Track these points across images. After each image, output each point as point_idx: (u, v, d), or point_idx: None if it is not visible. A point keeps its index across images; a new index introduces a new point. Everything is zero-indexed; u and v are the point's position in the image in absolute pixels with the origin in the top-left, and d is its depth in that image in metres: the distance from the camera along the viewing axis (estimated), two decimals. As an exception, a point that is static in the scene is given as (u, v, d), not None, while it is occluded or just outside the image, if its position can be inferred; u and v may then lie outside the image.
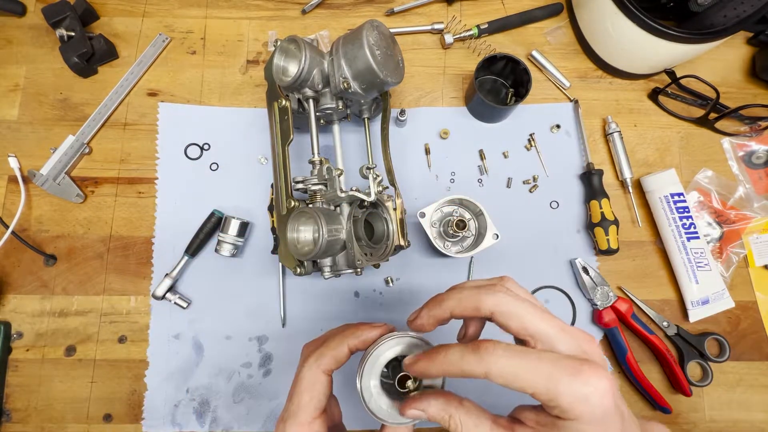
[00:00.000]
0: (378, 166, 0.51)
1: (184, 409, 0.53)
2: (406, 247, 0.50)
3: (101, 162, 0.58)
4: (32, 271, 0.55)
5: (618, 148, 0.58)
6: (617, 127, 0.59)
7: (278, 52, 0.47)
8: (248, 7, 0.63)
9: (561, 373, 0.22)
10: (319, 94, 0.48)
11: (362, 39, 0.43)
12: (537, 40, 0.63)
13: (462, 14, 0.63)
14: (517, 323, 0.25)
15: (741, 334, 0.56)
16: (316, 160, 0.47)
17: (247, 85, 0.60)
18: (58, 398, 0.53)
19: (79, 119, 0.58)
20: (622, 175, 0.58)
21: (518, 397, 0.26)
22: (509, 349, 0.23)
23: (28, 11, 0.61)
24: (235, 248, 0.54)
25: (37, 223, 0.56)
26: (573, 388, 0.21)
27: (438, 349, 0.26)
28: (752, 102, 0.56)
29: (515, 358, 0.23)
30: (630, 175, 0.58)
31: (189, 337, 0.54)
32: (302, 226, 0.44)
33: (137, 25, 0.62)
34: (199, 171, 0.58)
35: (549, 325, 0.24)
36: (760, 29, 0.60)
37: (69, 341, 0.54)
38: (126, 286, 0.55)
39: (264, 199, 0.57)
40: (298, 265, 0.45)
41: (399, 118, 0.58)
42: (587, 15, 0.60)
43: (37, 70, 0.60)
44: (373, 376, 0.30)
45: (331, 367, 0.30)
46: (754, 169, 0.60)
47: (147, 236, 0.56)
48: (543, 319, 0.25)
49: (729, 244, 0.57)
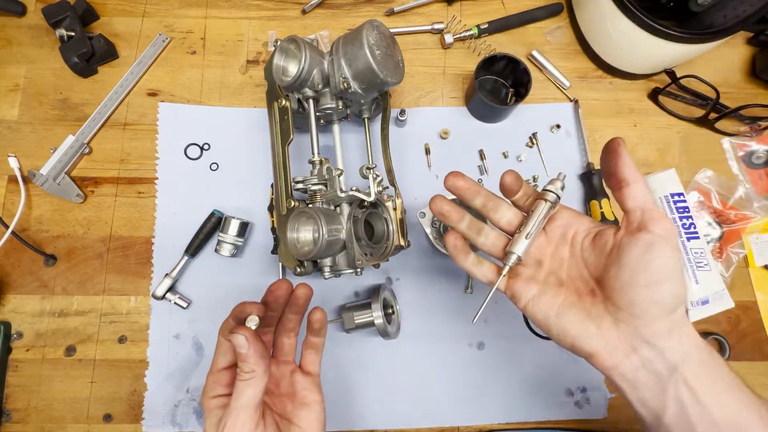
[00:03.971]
0: (378, 166, 0.51)
1: (184, 409, 0.53)
2: (406, 247, 0.50)
3: (101, 162, 0.58)
4: (32, 271, 0.55)
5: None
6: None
7: (278, 52, 0.47)
8: (248, 7, 0.63)
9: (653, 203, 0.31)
10: (319, 94, 0.48)
11: (362, 39, 0.43)
12: (537, 40, 0.63)
13: (462, 14, 0.63)
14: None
15: (741, 334, 0.56)
16: (316, 160, 0.47)
17: (247, 85, 0.60)
18: (58, 398, 0.53)
19: (79, 119, 0.58)
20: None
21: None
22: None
23: (28, 11, 0.61)
24: (235, 248, 0.54)
25: (37, 223, 0.56)
26: (659, 214, 0.30)
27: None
28: (752, 102, 0.56)
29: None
30: (630, 175, 0.58)
31: (189, 337, 0.54)
32: (302, 226, 0.44)
33: (137, 25, 0.62)
34: (199, 171, 0.58)
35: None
36: (760, 29, 0.60)
37: (69, 341, 0.54)
38: (126, 286, 0.55)
39: (264, 199, 0.57)
40: (298, 265, 0.45)
41: (399, 118, 0.58)
42: (587, 15, 0.60)
43: (37, 70, 0.60)
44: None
45: (223, 333, 0.38)
46: (754, 169, 0.60)
47: (147, 236, 0.56)
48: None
49: (729, 244, 0.58)
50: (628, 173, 0.30)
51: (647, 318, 0.30)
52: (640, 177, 0.31)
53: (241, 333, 0.32)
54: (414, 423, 0.54)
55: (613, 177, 0.31)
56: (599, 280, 0.32)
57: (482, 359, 0.55)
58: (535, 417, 0.54)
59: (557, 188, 0.34)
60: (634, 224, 0.30)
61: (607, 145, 0.31)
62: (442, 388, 0.54)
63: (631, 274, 0.29)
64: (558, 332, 0.33)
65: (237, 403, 0.33)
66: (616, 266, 0.30)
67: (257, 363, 0.32)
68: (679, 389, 0.29)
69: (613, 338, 0.31)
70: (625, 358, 0.30)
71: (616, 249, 0.31)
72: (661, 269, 0.29)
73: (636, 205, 0.30)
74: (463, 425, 0.54)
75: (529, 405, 0.54)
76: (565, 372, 0.55)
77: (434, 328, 0.55)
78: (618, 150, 0.30)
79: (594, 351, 0.31)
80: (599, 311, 0.32)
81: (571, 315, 0.32)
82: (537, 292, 0.34)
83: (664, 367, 0.30)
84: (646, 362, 0.30)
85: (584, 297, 0.33)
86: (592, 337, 0.31)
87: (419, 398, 0.54)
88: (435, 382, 0.54)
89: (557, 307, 0.33)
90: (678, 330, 0.30)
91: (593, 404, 0.54)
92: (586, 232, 0.34)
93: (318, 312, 0.42)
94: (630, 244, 0.30)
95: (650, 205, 0.30)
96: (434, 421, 0.54)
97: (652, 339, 0.30)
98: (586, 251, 0.34)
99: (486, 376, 0.55)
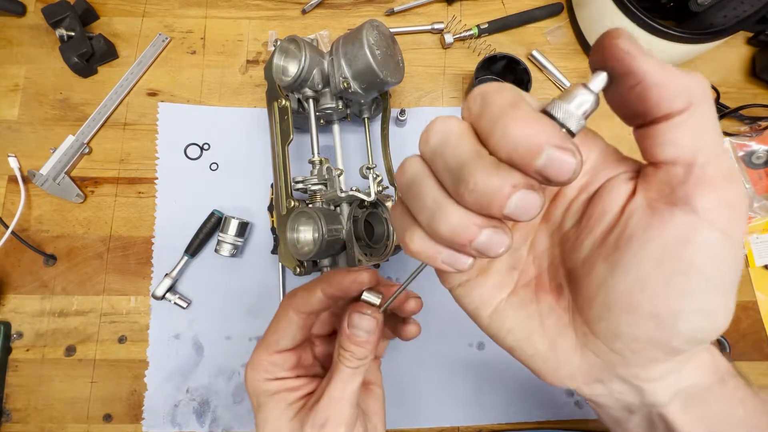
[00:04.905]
0: (378, 166, 0.51)
1: (184, 409, 0.53)
2: (406, 247, 0.50)
3: (101, 162, 0.58)
4: (32, 271, 0.55)
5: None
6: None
7: (278, 52, 0.47)
8: (248, 6, 0.63)
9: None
10: (319, 94, 0.48)
11: (362, 39, 0.43)
12: (537, 40, 0.63)
13: (462, 14, 0.63)
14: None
15: (741, 334, 0.56)
16: (316, 160, 0.47)
17: (247, 85, 0.60)
18: (58, 398, 0.53)
19: (79, 119, 0.58)
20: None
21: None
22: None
23: (28, 11, 0.61)
24: (234, 248, 0.54)
25: (37, 223, 0.56)
26: (720, 171, 0.17)
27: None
28: (752, 102, 0.56)
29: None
30: (630, 175, 0.58)
31: (189, 337, 0.54)
32: (302, 226, 0.44)
33: (137, 25, 0.61)
34: (199, 171, 0.58)
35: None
36: (760, 29, 0.60)
37: (69, 341, 0.54)
38: (126, 286, 0.55)
39: (264, 199, 0.57)
40: (298, 265, 0.45)
41: (399, 118, 0.58)
42: (587, 15, 0.60)
43: (37, 70, 0.60)
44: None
45: (301, 308, 0.29)
46: (754, 169, 0.60)
47: (147, 236, 0.56)
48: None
49: (729, 244, 0.57)
50: (647, 66, 0.15)
51: (636, 360, 0.18)
52: (687, 78, 0.15)
53: (372, 315, 0.26)
54: (414, 423, 0.54)
55: (623, 86, 0.16)
56: (573, 273, 0.20)
57: (482, 359, 0.55)
58: (535, 417, 0.54)
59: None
60: (667, 189, 0.16)
61: (599, 41, 0.16)
62: (442, 388, 0.54)
63: (631, 288, 0.17)
64: (490, 332, 0.22)
65: (343, 393, 0.27)
66: (608, 265, 0.18)
67: (372, 351, 0.27)
68: (652, 416, 0.21)
69: (572, 365, 0.20)
70: (584, 386, 0.21)
71: (619, 229, 0.17)
72: (696, 288, 0.16)
73: (678, 152, 0.16)
74: (463, 425, 0.54)
75: (529, 405, 0.54)
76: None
77: (434, 328, 0.55)
78: (618, 34, 0.15)
79: (537, 371, 0.21)
80: (559, 323, 0.20)
81: (513, 317, 0.21)
82: (473, 274, 0.22)
83: (638, 402, 0.20)
84: (615, 393, 0.20)
85: (543, 295, 0.21)
86: (538, 356, 0.21)
87: (419, 398, 0.54)
88: (435, 382, 0.54)
89: (496, 304, 0.22)
90: (680, 369, 0.19)
91: (593, 404, 0.54)
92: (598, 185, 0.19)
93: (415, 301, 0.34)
94: (648, 228, 0.16)
95: (707, 149, 0.15)
96: (434, 421, 0.54)
97: (633, 380, 0.19)
98: (571, 216, 0.20)
99: (486, 376, 0.55)
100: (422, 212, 0.17)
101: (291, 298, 0.30)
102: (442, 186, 0.17)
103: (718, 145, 0.16)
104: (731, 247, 0.16)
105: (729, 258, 0.16)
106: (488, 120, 0.16)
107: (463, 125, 0.17)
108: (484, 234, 0.16)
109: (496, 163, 0.15)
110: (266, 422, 0.28)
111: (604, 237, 0.18)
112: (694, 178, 0.15)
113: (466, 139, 0.16)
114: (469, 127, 0.17)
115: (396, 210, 0.20)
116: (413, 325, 0.33)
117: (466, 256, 0.17)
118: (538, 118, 0.15)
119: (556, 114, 0.16)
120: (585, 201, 0.19)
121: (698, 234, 0.15)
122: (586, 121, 0.16)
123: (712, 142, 0.15)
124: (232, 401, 0.53)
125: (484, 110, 0.16)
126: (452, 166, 0.16)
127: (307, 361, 0.32)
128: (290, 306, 0.29)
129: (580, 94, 0.16)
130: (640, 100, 0.16)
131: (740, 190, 0.16)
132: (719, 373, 0.20)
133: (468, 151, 0.16)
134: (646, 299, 0.16)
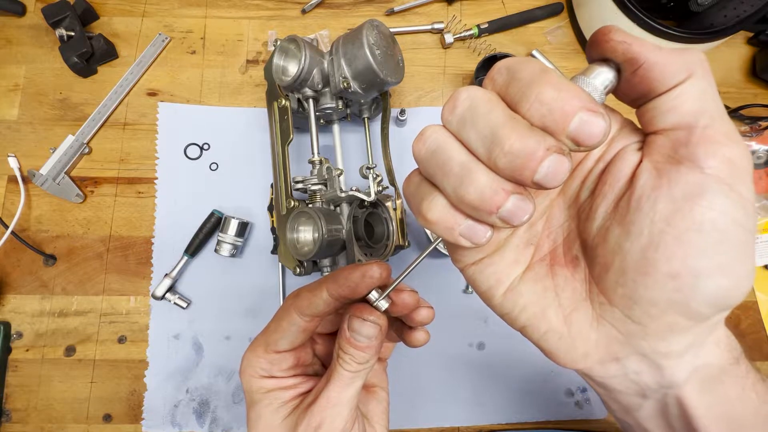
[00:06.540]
0: (378, 166, 0.51)
1: (184, 409, 0.53)
2: (406, 247, 0.50)
3: (101, 162, 0.58)
4: (32, 271, 0.55)
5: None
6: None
7: (278, 52, 0.47)
8: (248, 6, 0.63)
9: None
10: (319, 93, 0.48)
11: (362, 39, 0.43)
12: (537, 40, 0.63)
13: (462, 14, 0.63)
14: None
15: (741, 334, 0.56)
16: (316, 160, 0.47)
17: (247, 85, 0.60)
18: (58, 398, 0.53)
19: (79, 119, 0.58)
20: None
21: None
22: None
23: (28, 11, 0.61)
24: (234, 248, 0.54)
25: (36, 223, 0.56)
26: (722, 130, 0.18)
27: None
28: (752, 102, 0.56)
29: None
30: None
31: (189, 337, 0.54)
32: (302, 226, 0.44)
33: (137, 24, 0.61)
34: (199, 171, 0.58)
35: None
36: (760, 29, 0.60)
37: (69, 341, 0.54)
38: (126, 286, 0.55)
39: (264, 199, 0.57)
40: (297, 265, 0.45)
41: (399, 118, 0.58)
42: (587, 15, 0.60)
43: (37, 70, 0.60)
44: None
45: (305, 310, 0.27)
46: (755, 169, 0.60)
47: (147, 236, 0.56)
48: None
49: (729, 244, 0.57)
50: (643, 49, 0.16)
51: (656, 328, 0.18)
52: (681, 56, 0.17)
53: (376, 321, 0.25)
54: (414, 423, 0.54)
55: (626, 72, 0.17)
56: (589, 243, 0.20)
57: (482, 359, 0.55)
58: (535, 417, 0.54)
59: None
60: (671, 151, 0.17)
61: (592, 41, 0.18)
62: (442, 388, 0.54)
63: (645, 248, 0.17)
64: (502, 311, 0.22)
65: (340, 397, 0.25)
66: (622, 228, 0.18)
67: (375, 355, 0.26)
68: (667, 399, 0.20)
69: (587, 341, 0.20)
70: (599, 365, 0.20)
71: (630, 193, 0.18)
72: (712, 244, 0.16)
73: (680, 118, 0.16)
74: (463, 425, 0.54)
75: (529, 405, 0.54)
76: (565, 372, 0.55)
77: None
78: (609, 29, 0.17)
79: (551, 350, 0.21)
80: (575, 296, 0.20)
81: (528, 293, 0.21)
82: (490, 249, 0.22)
83: (654, 383, 0.20)
84: (630, 373, 0.20)
85: (558, 268, 0.21)
86: (552, 333, 0.20)
87: (419, 398, 0.54)
88: (435, 382, 0.54)
89: (510, 282, 0.21)
90: (701, 343, 0.19)
91: (593, 404, 0.54)
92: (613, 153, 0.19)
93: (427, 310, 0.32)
94: (656, 187, 0.17)
95: (707, 113, 0.16)
96: (434, 421, 0.54)
97: (651, 354, 0.19)
98: (587, 187, 0.20)
99: (486, 376, 0.55)
100: (447, 178, 0.17)
101: (295, 298, 0.28)
102: (469, 151, 0.17)
103: (719, 109, 0.16)
104: (741, 203, 0.16)
105: (740, 215, 0.16)
106: (518, 87, 0.16)
107: (491, 93, 0.17)
108: (511, 200, 0.16)
109: (530, 127, 0.16)
110: (259, 419, 0.27)
111: (617, 202, 0.18)
112: (696, 138, 0.16)
113: (496, 104, 0.17)
114: (496, 95, 0.17)
115: (411, 180, 0.20)
116: (421, 332, 0.31)
117: (485, 228, 0.18)
118: (569, 83, 0.16)
119: (582, 87, 0.17)
120: (600, 171, 0.20)
121: (706, 189, 0.16)
122: (605, 97, 0.17)
123: (713, 106, 0.16)
124: (232, 401, 0.53)
125: (513, 79, 0.17)
126: (484, 131, 0.16)
127: (307, 359, 0.31)
128: (294, 307, 0.28)
129: (603, 72, 0.17)
130: (645, 81, 0.17)
131: (743, 148, 0.16)
132: (735, 353, 0.20)
133: (501, 116, 0.16)
134: (662, 258, 0.17)
